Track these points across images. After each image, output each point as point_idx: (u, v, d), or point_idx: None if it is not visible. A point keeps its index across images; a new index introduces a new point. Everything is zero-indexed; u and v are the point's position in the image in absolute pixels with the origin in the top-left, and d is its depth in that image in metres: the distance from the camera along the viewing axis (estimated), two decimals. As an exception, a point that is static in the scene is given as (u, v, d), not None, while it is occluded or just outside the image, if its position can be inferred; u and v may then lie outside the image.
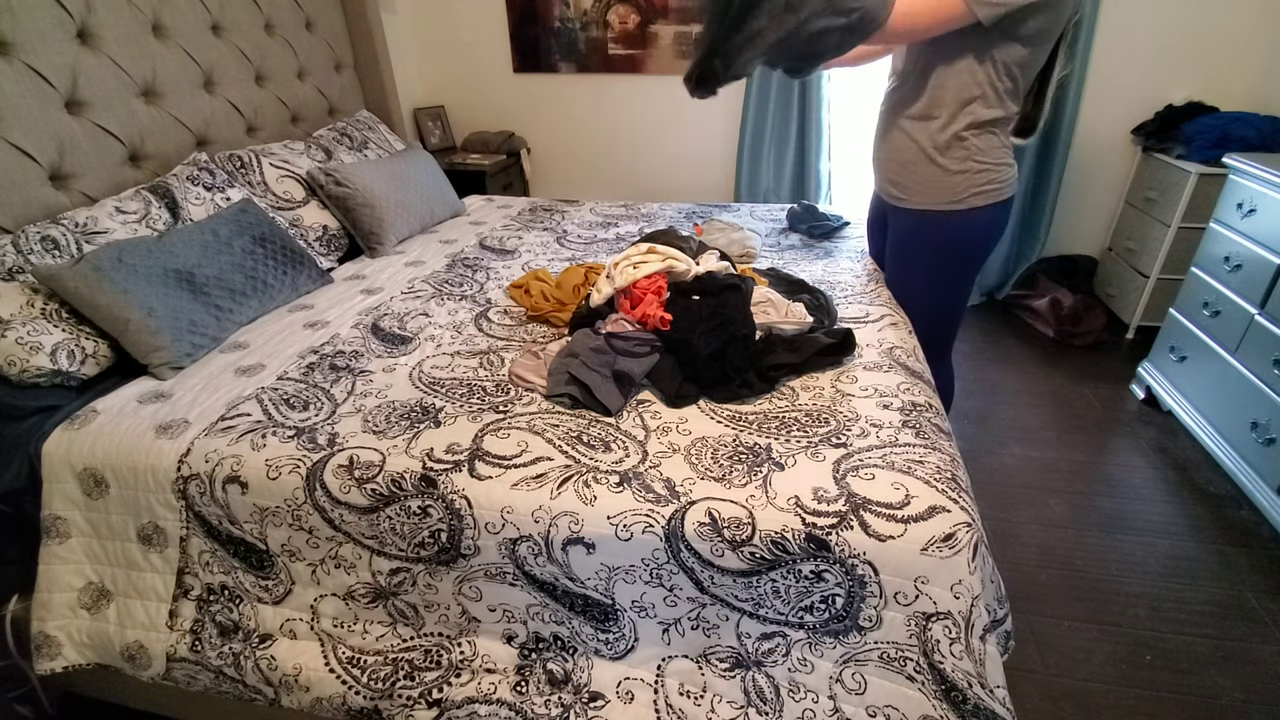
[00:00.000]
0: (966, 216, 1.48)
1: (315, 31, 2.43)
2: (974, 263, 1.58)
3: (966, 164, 1.43)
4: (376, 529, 1.08)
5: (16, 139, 1.45)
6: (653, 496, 1.01)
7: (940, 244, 1.55)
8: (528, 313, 1.61)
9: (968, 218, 1.48)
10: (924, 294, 1.63)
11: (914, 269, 1.63)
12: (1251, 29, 2.57)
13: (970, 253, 1.55)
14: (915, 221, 1.56)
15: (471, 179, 3.02)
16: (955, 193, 1.46)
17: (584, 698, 1.06)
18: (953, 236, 1.52)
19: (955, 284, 1.61)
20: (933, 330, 1.66)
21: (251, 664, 1.16)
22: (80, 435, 1.21)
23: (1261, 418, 1.83)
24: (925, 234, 1.56)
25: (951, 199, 1.47)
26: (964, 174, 1.44)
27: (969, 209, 1.47)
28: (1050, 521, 1.89)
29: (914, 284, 1.64)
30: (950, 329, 1.69)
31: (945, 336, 1.70)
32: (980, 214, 1.47)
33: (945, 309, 1.65)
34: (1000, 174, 1.45)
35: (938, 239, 1.54)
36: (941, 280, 1.60)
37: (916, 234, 1.58)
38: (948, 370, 1.78)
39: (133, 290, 1.35)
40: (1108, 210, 3.01)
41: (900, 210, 1.59)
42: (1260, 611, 1.62)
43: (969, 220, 1.49)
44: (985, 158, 1.43)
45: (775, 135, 3.04)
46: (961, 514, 0.96)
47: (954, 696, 0.95)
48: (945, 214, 1.49)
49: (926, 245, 1.57)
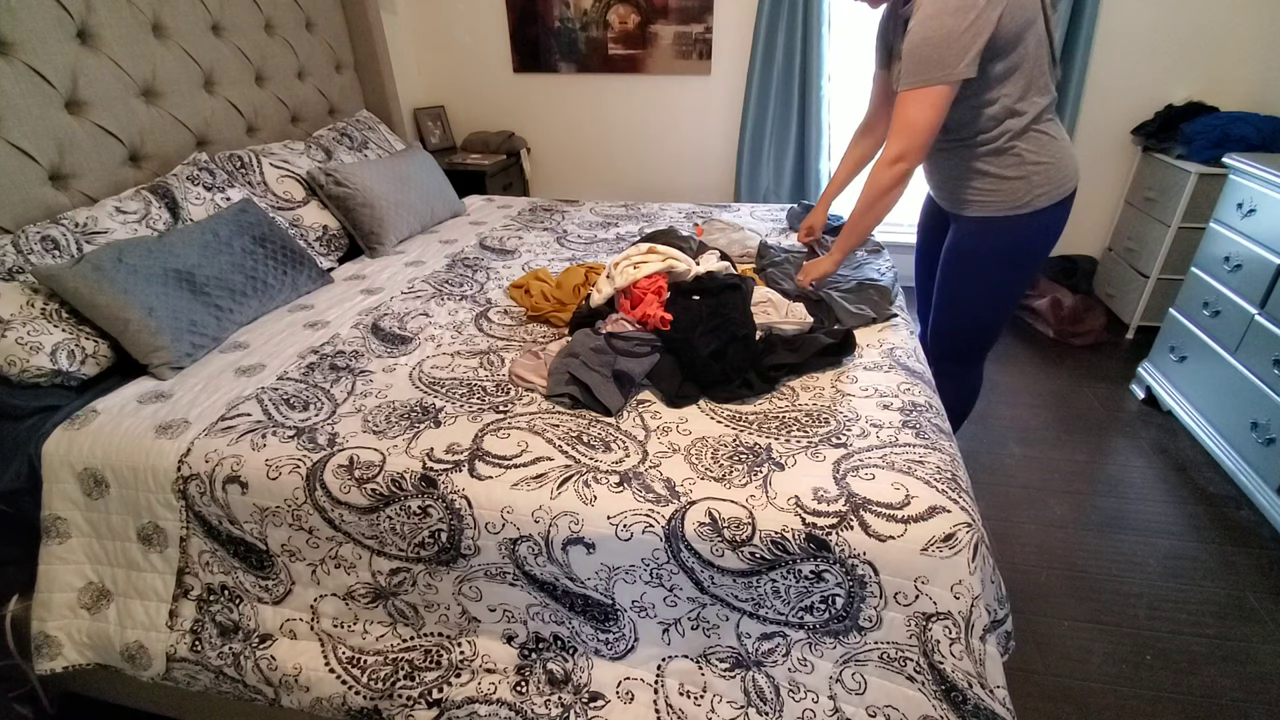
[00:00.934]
0: (1031, 220, 1.43)
1: (315, 31, 2.43)
2: (1035, 265, 1.53)
3: (1023, 169, 1.40)
4: (376, 529, 1.08)
5: (16, 139, 1.45)
6: (653, 496, 1.01)
7: (1003, 250, 1.50)
8: (528, 313, 1.61)
9: (1033, 221, 1.44)
10: (978, 299, 1.58)
11: (971, 274, 1.56)
12: (1251, 29, 2.57)
13: (1033, 256, 1.51)
14: (977, 228, 1.51)
15: (471, 179, 3.02)
16: (1017, 198, 1.42)
17: (584, 698, 1.06)
18: (1018, 240, 1.48)
19: (1013, 289, 1.56)
20: (977, 336, 1.63)
21: (251, 664, 1.16)
22: (80, 435, 1.21)
23: (1261, 418, 1.83)
24: (988, 241, 1.50)
25: (1014, 205, 1.43)
26: (1022, 180, 1.40)
27: (1034, 211, 1.42)
28: (1050, 521, 1.89)
29: (969, 290, 1.58)
30: (995, 334, 1.64)
31: (986, 343, 1.66)
32: (1045, 215, 1.43)
33: (995, 314, 1.60)
34: (1060, 169, 1.41)
35: (1002, 245, 1.49)
36: (998, 286, 1.55)
37: (978, 240, 1.52)
38: (979, 374, 1.74)
39: (133, 290, 1.35)
40: (1108, 210, 3.01)
41: (961, 218, 1.54)
42: (1260, 611, 1.62)
43: (1035, 222, 1.44)
44: (1040, 157, 1.39)
45: (775, 135, 3.04)
46: (961, 514, 0.96)
47: (954, 697, 0.95)
48: (1010, 220, 1.45)
49: (988, 252, 1.52)
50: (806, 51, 2.83)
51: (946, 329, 1.66)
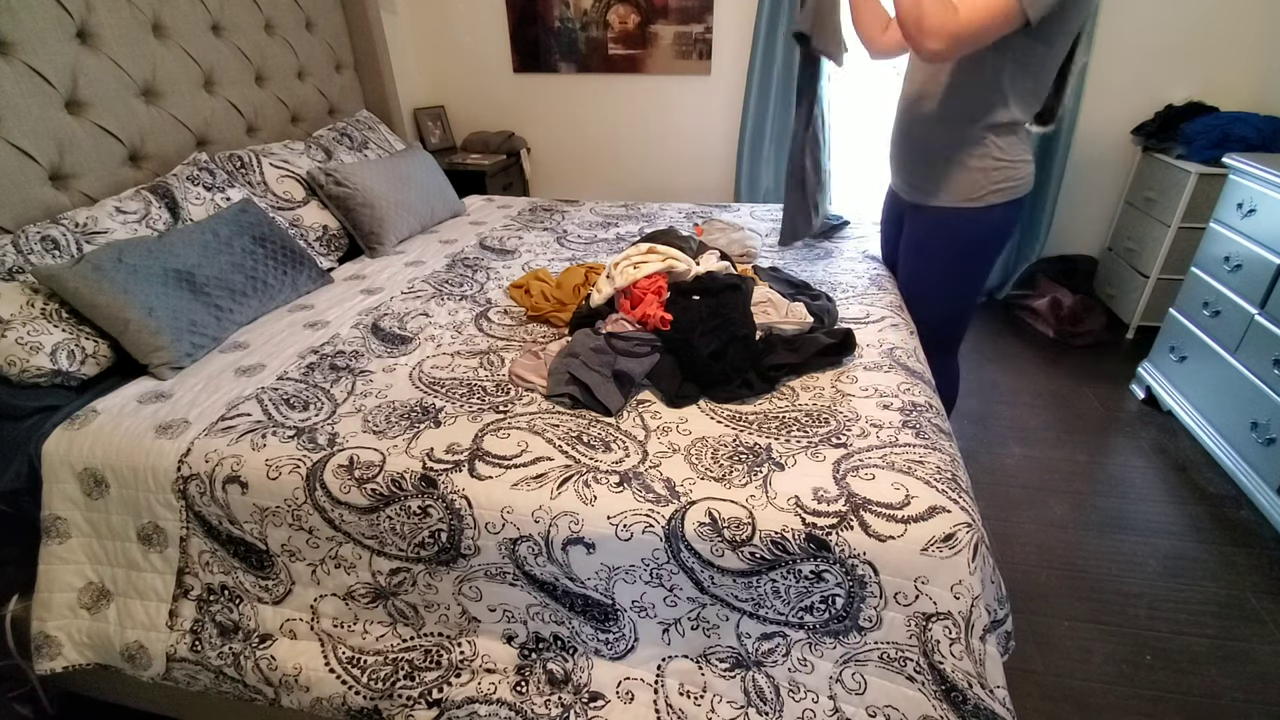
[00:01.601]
0: (983, 214, 1.50)
1: (315, 31, 2.43)
2: (988, 260, 1.59)
3: (985, 161, 1.45)
4: (376, 529, 1.08)
5: (16, 139, 1.45)
6: (653, 496, 1.01)
7: (957, 242, 1.57)
8: (528, 313, 1.61)
9: (984, 215, 1.50)
10: (938, 292, 1.65)
11: (929, 267, 1.65)
12: (1251, 29, 2.57)
13: (985, 251, 1.57)
14: (933, 220, 1.58)
15: (471, 179, 3.02)
16: (974, 190, 1.48)
17: (584, 698, 1.06)
18: (969, 234, 1.54)
19: (969, 282, 1.63)
20: (943, 328, 1.68)
21: (251, 664, 1.16)
22: (80, 435, 1.20)
23: (1261, 418, 1.83)
24: (943, 232, 1.58)
25: (969, 197, 1.49)
26: (983, 171, 1.46)
27: (986, 206, 1.49)
28: (1050, 521, 1.89)
29: (928, 282, 1.66)
30: (960, 327, 1.72)
31: (954, 334, 1.72)
32: (996, 211, 1.49)
33: (957, 307, 1.67)
34: (1018, 171, 1.47)
35: (955, 237, 1.56)
36: (956, 278, 1.62)
37: (934, 232, 1.60)
38: (954, 367, 1.80)
39: (133, 290, 1.35)
40: (1108, 210, 3.01)
41: (919, 209, 1.61)
42: (1260, 611, 1.62)
43: (985, 218, 1.50)
44: (1005, 155, 1.45)
45: (775, 135, 3.04)
46: (961, 514, 0.96)
47: (954, 697, 0.95)
48: (963, 211, 1.51)
49: (944, 243, 1.59)
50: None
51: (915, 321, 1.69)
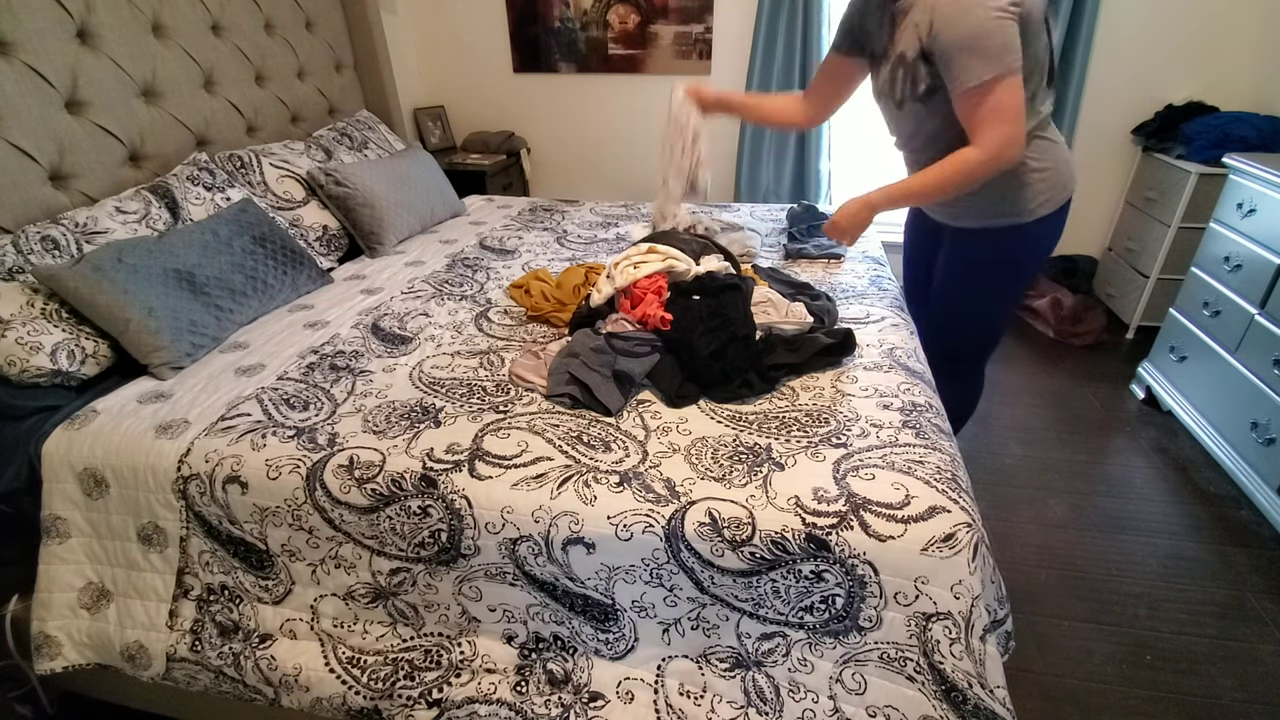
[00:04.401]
0: (1033, 227, 1.42)
1: (315, 31, 2.43)
2: (1034, 271, 1.53)
3: (1025, 177, 1.38)
4: (376, 529, 1.08)
5: (16, 139, 1.45)
6: (653, 496, 1.01)
7: (1006, 259, 1.49)
8: (528, 313, 1.61)
9: (1035, 229, 1.43)
10: (978, 307, 1.58)
11: (974, 285, 1.56)
12: (1251, 29, 2.57)
13: (1034, 262, 1.51)
14: (980, 238, 1.49)
15: (471, 179, 3.02)
16: (1020, 206, 1.41)
17: (584, 698, 1.06)
18: (1019, 250, 1.48)
19: (1011, 295, 1.56)
20: (979, 341, 1.63)
21: (251, 664, 1.16)
22: (80, 435, 1.20)
23: (1261, 418, 1.83)
24: (991, 251, 1.49)
25: (1015, 213, 1.41)
26: (1026, 188, 1.39)
27: (1035, 220, 1.41)
28: (1050, 521, 1.89)
29: (971, 299, 1.58)
30: (996, 338, 1.65)
31: (989, 346, 1.67)
32: (1046, 222, 1.42)
33: (997, 320, 1.61)
34: (1060, 174, 1.40)
35: (1005, 254, 1.49)
36: (1000, 294, 1.55)
37: (981, 251, 1.51)
38: (981, 376, 1.74)
39: (133, 290, 1.35)
40: (1108, 210, 3.01)
41: (966, 232, 1.51)
42: (1260, 611, 1.62)
43: (1037, 230, 1.43)
44: (1042, 162, 1.38)
45: (775, 135, 3.04)
46: (962, 514, 0.96)
47: (954, 697, 0.95)
48: (1014, 229, 1.43)
49: (991, 261, 1.51)
50: (806, 51, 2.83)
51: (947, 336, 1.66)
